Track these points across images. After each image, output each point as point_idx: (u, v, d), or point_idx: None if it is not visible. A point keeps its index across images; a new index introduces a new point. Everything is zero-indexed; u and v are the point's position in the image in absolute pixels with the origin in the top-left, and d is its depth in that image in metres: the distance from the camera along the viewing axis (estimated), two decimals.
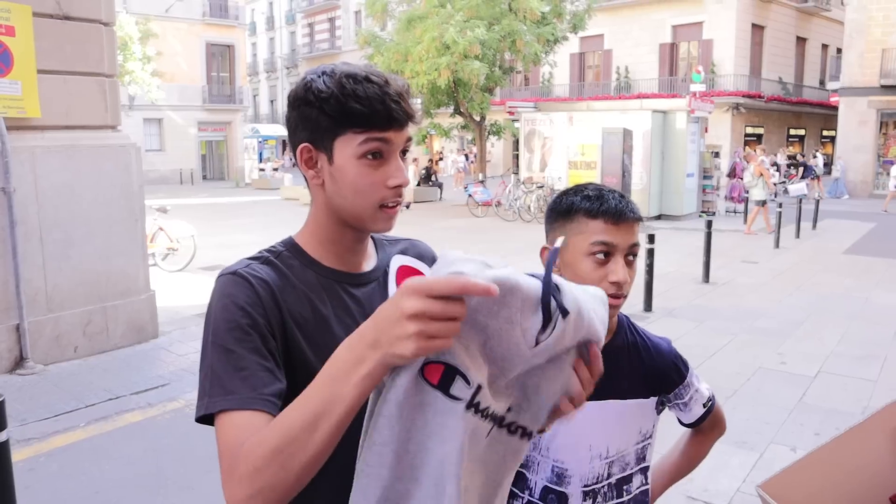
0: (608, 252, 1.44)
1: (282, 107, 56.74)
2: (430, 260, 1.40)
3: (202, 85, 36.61)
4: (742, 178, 20.38)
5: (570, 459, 1.54)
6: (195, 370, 5.78)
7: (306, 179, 1.21)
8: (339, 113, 1.11)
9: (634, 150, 17.48)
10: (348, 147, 1.13)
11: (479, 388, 0.95)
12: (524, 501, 1.57)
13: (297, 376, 1.11)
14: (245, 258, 1.19)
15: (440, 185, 25.72)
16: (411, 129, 1.19)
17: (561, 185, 18.84)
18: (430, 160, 31.45)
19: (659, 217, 18.30)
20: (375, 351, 0.88)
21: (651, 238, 8.32)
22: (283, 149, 40.91)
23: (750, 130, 33.80)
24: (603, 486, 1.57)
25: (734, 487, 4.01)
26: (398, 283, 1.30)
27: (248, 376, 1.04)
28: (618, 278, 1.42)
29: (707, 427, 1.73)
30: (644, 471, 1.63)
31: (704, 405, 1.68)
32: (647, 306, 8.20)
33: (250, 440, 0.97)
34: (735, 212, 19.22)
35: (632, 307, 8.32)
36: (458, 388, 0.94)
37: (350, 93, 1.10)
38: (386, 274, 1.31)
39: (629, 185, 17.13)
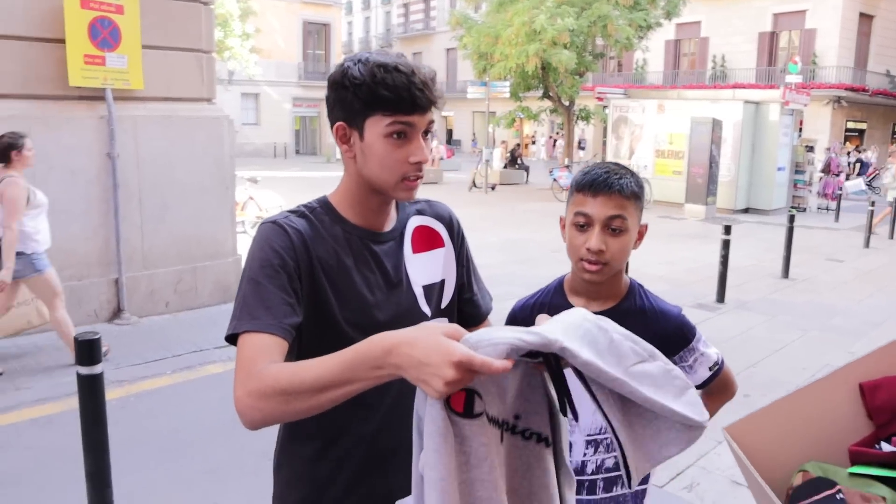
0: (587, 222, 1.61)
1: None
2: (445, 219, 1.59)
3: (298, 62, 37.70)
4: (836, 174, 19.60)
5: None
6: None
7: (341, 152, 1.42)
8: (370, 98, 1.31)
9: (724, 142, 17.05)
10: (377, 127, 1.33)
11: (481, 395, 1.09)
12: None
13: (318, 313, 1.34)
14: (285, 211, 1.42)
15: (527, 169, 25.74)
16: (434, 114, 1.38)
17: (647, 173, 18.59)
18: (517, 143, 31.47)
19: (746, 210, 17.82)
20: (397, 370, 1.02)
21: (727, 229, 8.22)
22: None
23: (851, 125, 32.24)
24: (605, 438, 1.71)
25: None
26: (413, 240, 1.52)
27: (271, 307, 1.27)
28: (591, 245, 1.58)
29: (715, 389, 1.84)
30: None
31: (710, 368, 1.78)
32: (720, 297, 8.14)
33: (269, 367, 1.17)
34: (827, 209, 18.49)
35: (704, 297, 8.29)
36: (477, 405, 1.07)
37: (380, 81, 1.30)
38: (402, 234, 1.51)
39: (716, 176, 16.74)
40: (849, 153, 22.49)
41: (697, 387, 1.83)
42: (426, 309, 1.50)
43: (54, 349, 5.72)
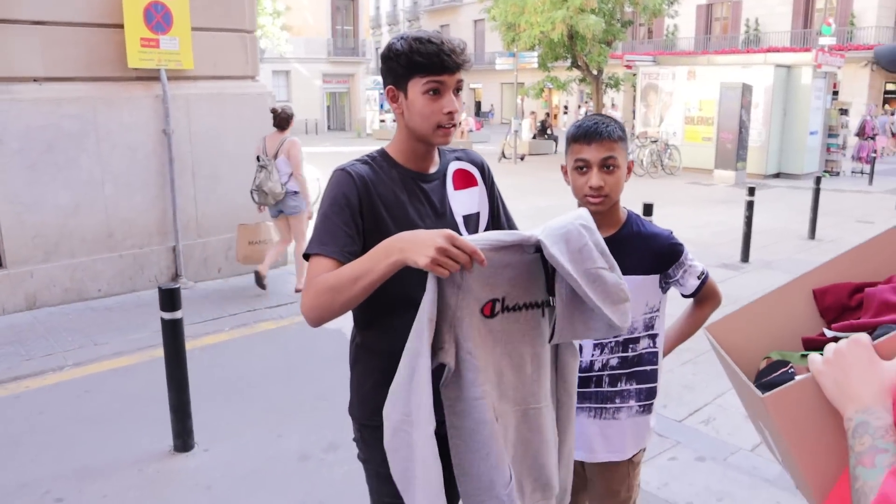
0: (585, 165, 2.01)
1: None
2: (478, 164, 2.01)
3: (327, 38, 38.02)
4: (871, 137, 19.44)
5: None
6: None
7: (393, 111, 1.83)
8: (410, 64, 1.72)
9: (754, 106, 17.05)
10: (417, 87, 1.73)
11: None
12: None
13: (381, 237, 1.75)
14: (352, 160, 1.83)
15: (555, 139, 25.86)
16: (463, 74, 1.78)
17: (676, 141, 18.69)
18: (547, 114, 31.51)
19: (777, 175, 17.87)
20: (402, 253, 1.49)
21: (751, 191, 8.47)
22: None
23: (891, 87, 31.66)
24: (610, 342, 2.11)
25: None
26: (454, 180, 1.93)
27: (336, 236, 1.70)
28: (592, 183, 2.00)
29: (703, 297, 2.22)
30: (652, 337, 2.14)
31: (699, 277, 2.16)
32: (745, 257, 8.41)
33: (323, 275, 1.64)
34: (862, 172, 18.42)
35: (729, 257, 8.57)
36: (497, 306, 1.61)
37: (416, 50, 1.71)
38: (445, 175, 1.92)
39: (746, 141, 16.78)
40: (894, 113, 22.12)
41: (690, 295, 2.21)
42: (466, 233, 1.89)
43: (121, 310, 6.26)
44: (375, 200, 1.75)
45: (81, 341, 5.54)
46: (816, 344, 1.70)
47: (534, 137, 25.25)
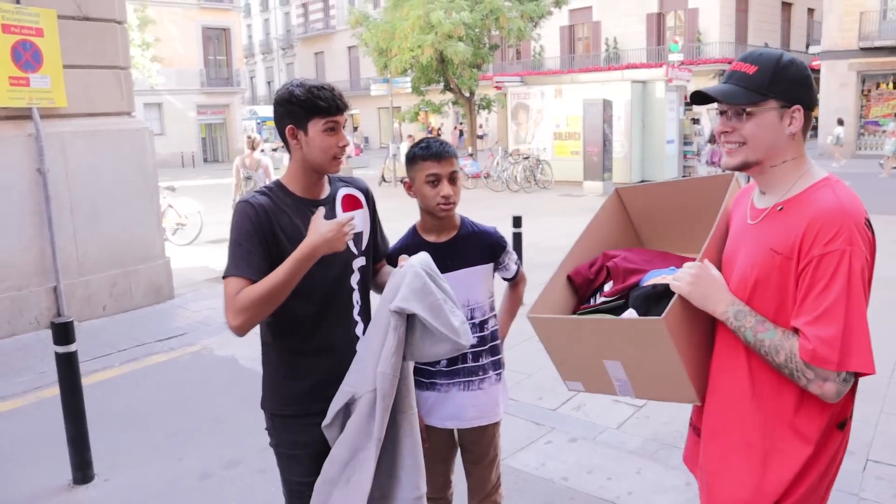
0: (436, 179, 2.40)
1: (279, 87, 57.15)
2: (363, 190, 2.38)
3: (199, 69, 37.36)
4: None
5: None
6: (210, 322, 6.78)
7: (287, 147, 2.17)
8: (312, 108, 2.08)
9: (615, 120, 18.26)
10: (317, 126, 2.10)
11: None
12: None
13: (282, 256, 2.07)
14: (252, 191, 2.14)
15: None
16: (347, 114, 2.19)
17: (546, 156, 19.67)
18: (428, 136, 32.12)
19: (641, 182, 19.09)
20: (318, 249, 1.97)
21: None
22: None
23: None
24: (470, 325, 2.50)
25: None
26: (343, 203, 2.28)
27: (249, 260, 2.03)
28: (444, 193, 2.39)
29: (518, 280, 2.72)
30: (494, 316, 2.62)
31: (516, 263, 2.66)
32: None
33: (245, 290, 1.98)
34: None
35: None
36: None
37: (318, 97, 2.08)
38: (334, 199, 2.27)
39: (610, 153, 17.93)
40: None
41: (510, 279, 2.70)
42: (354, 250, 2.26)
43: (1, 354, 6.14)
44: (275, 226, 2.07)
45: None
46: (589, 309, 2.16)
47: None
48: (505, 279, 2.70)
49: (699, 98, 1.78)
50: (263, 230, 2.05)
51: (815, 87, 1.74)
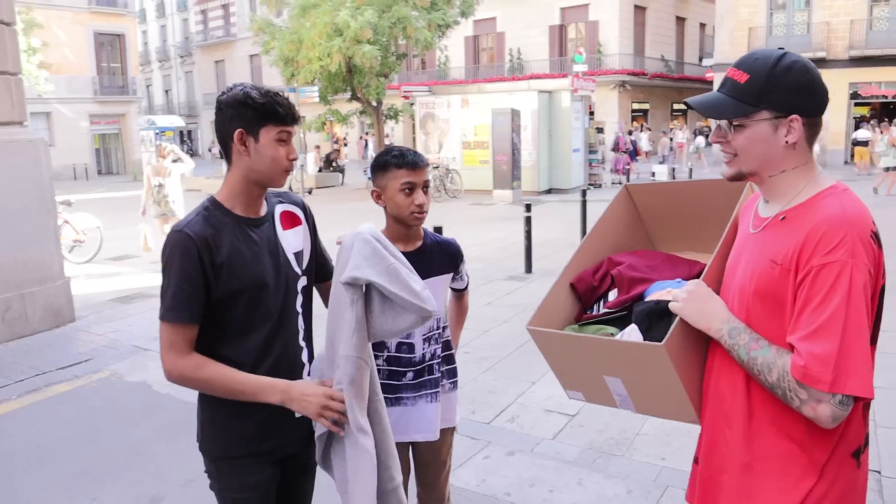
0: (411, 188, 2.35)
1: (177, 97, 55.28)
2: (300, 205, 2.21)
3: (92, 76, 35.55)
4: (625, 151, 21.81)
5: None
6: (117, 345, 6.38)
7: (227, 155, 1.97)
8: (268, 113, 1.91)
9: (523, 129, 18.53)
10: (270, 133, 1.93)
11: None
12: (384, 357, 2.45)
13: (226, 285, 1.91)
14: (186, 216, 1.95)
15: (342, 170, 26.22)
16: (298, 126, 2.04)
17: (456, 165, 19.75)
18: (335, 147, 31.81)
19: (549, 191, 19.49)
20: (289, 403, 1.88)
21: (528, 208, 9.28)
22: (182, 140, 40.19)
23: (636, 106, 35.72)
24: (434, 334, 2.51)
25: None
26: (281, 220, 2.11)
27: (188, 302, 1.87)
28: (418, 202, 2.36)
29: (466, 292, 2.78)
30: (447, 325, 2.62)
31: (467, 275, 2.70)
32: (528, 268, 9.17)
33: (196, 358, 1.88)
34: (620, 183, 20.64)
35: (514, 269, 9.30)
36: None
37: (276, 102, 1.92)
38: (273, 217, 2.10)
39: (519, 161, 18.18)
40: (630, 132, 25.11)
41: (462, 289, 2.74)
42: (297, 269, 2.10)
43: None
44: (215, 257, 1.89)
45: None
46: (592, 318, 2.10)
47: (320, 170, 25.42)
48: (456, 290, 2.72)
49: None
50: (203, 265, 1.87)
51: (820, 93, 1.56)
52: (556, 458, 4.12)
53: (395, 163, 2.36)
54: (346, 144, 43.36)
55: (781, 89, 1.52)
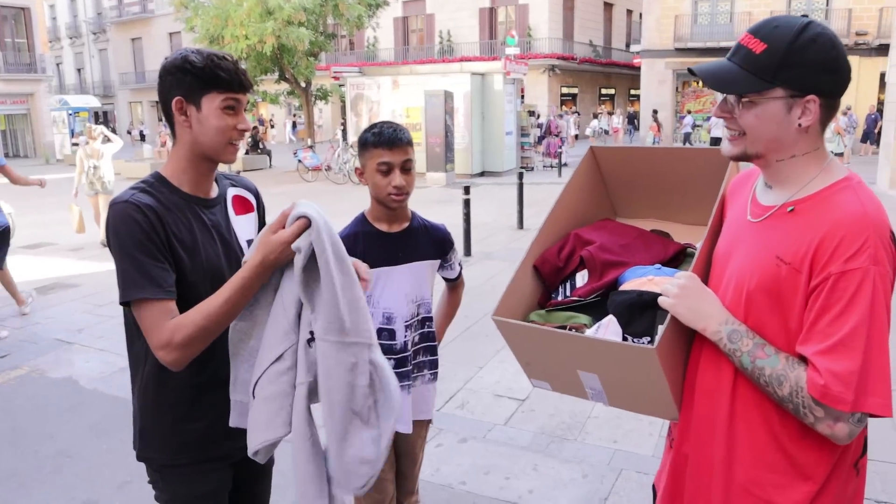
0: (389, 168, 2.19)
1: (91, 76, 52.82)
2: (252, 190, 2.03)
3: None
4: (556, 135, 21.99)
5: (394, 305, 2.33)
6: (37, 339, 5.99)
7: (172, 126, 1.76)
8: (209, 79, 1.69)
9: (456, 112, 18.41)
10: (214, 101, 1.71)
11: None
12: None
13: (178, 271, 1.69)
14: (128, 189, 1.72)
15: (269, 153, 25.57)
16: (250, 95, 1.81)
17: None
18: (257, 128, 30.98)
19: (482, 174, 19.46)
20: (263, 266, 1.59)
21: (466, 190, 9.16)
22: (97, 121, 38.41)
23: (565, 90, 36.07)
24: (414, 322, 2.38)
25: None
26: (234, 205, 1.92)
27: (153, 275, 1.62)
28: (396, 183, 2.20)
29: (459, 283, 2.64)
30: (432, 314, 2.50)
31: (459, 265, 2.57)
32: (467, 251, 9.08)
33: (176, 320, 1.59)
34: (552, 166, 20.80)
35: None
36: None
37: (218, 66, 1.70)
38: (225, 200, 1.91)
39: (452, 144, 18.07)
40: (560, 116, 25.31)
41: (453, 279, 2.60)
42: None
43: None
44: (169, 232, 1.68)
45: None
46: (558, 304, 1.98)
47: (247, 153, 24.72)
48: (447, 279, 2.60)
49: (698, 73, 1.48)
50: (159, 236, 1.65)
51: (843, 71, 1.38)
52: (510, 444, 4.05)
53: (372, 141, 2.20)
54: (272, 126, 42.41)
55: (801, 65, 1.34)
